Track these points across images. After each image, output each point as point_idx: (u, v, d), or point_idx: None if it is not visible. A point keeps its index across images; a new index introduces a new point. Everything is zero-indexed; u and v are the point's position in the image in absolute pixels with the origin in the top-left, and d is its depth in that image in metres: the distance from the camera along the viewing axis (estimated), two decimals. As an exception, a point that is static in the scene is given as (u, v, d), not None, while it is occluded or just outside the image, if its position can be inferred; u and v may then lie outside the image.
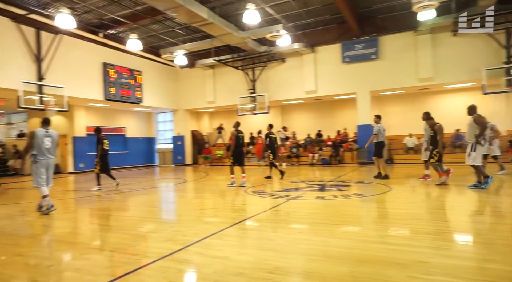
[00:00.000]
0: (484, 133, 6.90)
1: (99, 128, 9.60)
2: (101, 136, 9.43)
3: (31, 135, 6.20)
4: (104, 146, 9.43)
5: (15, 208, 6.86)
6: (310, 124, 19.04)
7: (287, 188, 8.39)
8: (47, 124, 6.41)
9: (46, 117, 6.55)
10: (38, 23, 12.51)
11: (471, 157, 6.89)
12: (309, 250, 3.49)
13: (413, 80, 14.64)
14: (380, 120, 9.48)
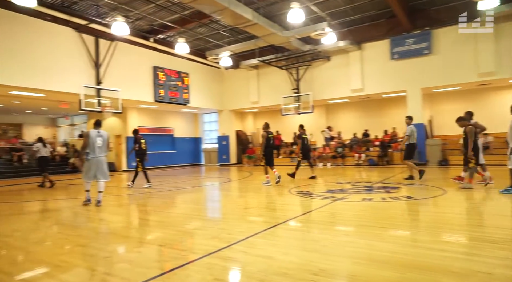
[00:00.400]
0: None
1: (137, 129, 10.23)
2: (138, 137, 9.93)
3: (86, 135, 6.95)
4: (142, 146, 9.88)
5: (75, 203, 7.46)
6: (356, 124, 18.45)
7: (332, 189, 8.21)
8: (99, 126, 7.13)
9: (98, 119, 7.30)
10: (97, 32, 13.50)
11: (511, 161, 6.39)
12: (355, 253, 3.38)
13: (471, 75, 13.55)
14: (411, 121, 9.33)
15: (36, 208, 7.28)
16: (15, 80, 11.07)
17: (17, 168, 16.23)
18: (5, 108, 17.91)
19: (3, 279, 3.04)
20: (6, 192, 10.07)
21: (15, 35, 11.09)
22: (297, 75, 17.76)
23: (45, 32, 11.95)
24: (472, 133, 7.25)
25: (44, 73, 11.78)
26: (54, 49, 12.14)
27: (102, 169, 6.90)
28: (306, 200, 6.95)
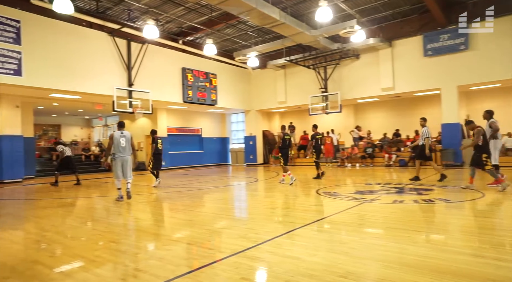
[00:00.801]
0: None
1: (154, 130, 10.61)
2: (156, 137, 10.29)
3: (110, 136, 7.43)
4: (158, 146, 10.23)
5: (108, 200, 7.76)
6: (387, 123, 17.92)
7: (361, 190, 8.02)
8: (122, 127, 7.61)
9: (121, 121, 7.80)
10: (129, 35, 14.00)
11: None
12: (385, 257, 3.28)
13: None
14: (426, 123, 9.41)
15: (72, 205, 7.64)
16: (55, 83, 11.69)
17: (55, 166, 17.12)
18: (46, 110, 18.97)
19: (43, 271, 3.21)
20: (46, 189, 10.65)
21: (55, 41, 11.71)
22: (325, 74, 17.52)
23: (82, 37, 12.54)
24: (480, 135, 7.33)
25: (81, 76, 12.36)
26: (89, 53, 12.71)
27: (127, 168, 7.40)
28: (333, 201, 6.84)
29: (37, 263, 3.45)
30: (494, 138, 7.61)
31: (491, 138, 7.59)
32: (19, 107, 13.32)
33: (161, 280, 2.86)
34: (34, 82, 11.21)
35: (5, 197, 9.28)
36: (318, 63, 17.23)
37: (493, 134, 7.57)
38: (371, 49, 15.88)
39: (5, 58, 10.51)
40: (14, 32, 10.76)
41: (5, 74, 10.52)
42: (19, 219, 6.09)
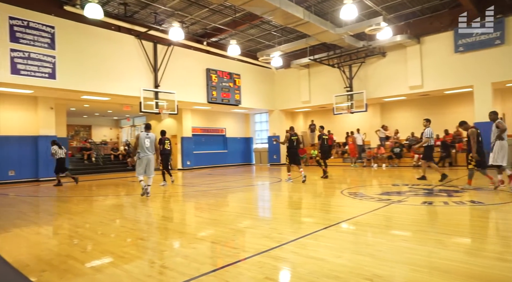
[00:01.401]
0: None
1: (163, 131, 11.07)
2: (163, 138, 10.79)
3: (136, 137, 8.04)
4: (165, 146, 10.69)
5: (135, 198, 7.99)
6: (414, 122, 17.34)
7: (387, 191, 7.82)
8: (148, 129, 8.22)
9: (148, 123, 8.40)
10: (155, 38, 14.35)
11: None
12: (413, 260, 3.18)
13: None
14: (429, 124, 9.57)
15: (102, 202, 7.93)
16: (86, 85, 12.18)
17: (86, 165, 17.85)
18: (77, 111, 19.81)
19: (76, 265, 3.36)
20: (78, 187, 11.11)
21: (85, 45, 12.20)
22: (350, 73, 17.21)
23: (111, 41, 12.99)
24: (475, 135, 7.48)
25: (109, 78, 12.81)
26: (118, 56, 13.14)
27: (150, 166, 7.96)
28: (359, 202, 6.70)
29: (70, 257, 3.60)
30: (500, 139, 7.36)
31: (497, 138, 7.36)
32: (53, 108, 13.97)
33: (186, 277, 2.91)
34: (67, 84, 11.73)
35: (41, 194, 9.77)
36: (343, 61, 16.95)
37: (500, 135, 7.33)
38: (398, 46, 15.44)
39: (40, 63, 11.07)
40: (49, 37, 11.32)
41: (40, 77, 11.08)
42: (54, 216, 6.39)
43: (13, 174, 12.87)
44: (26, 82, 10.86)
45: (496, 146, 7.37)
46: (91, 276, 3.09)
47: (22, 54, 10.73)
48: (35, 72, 10.97)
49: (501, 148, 7.37)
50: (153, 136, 8.08)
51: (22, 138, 13.15)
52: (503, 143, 7.40)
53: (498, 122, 7.47)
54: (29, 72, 10.86)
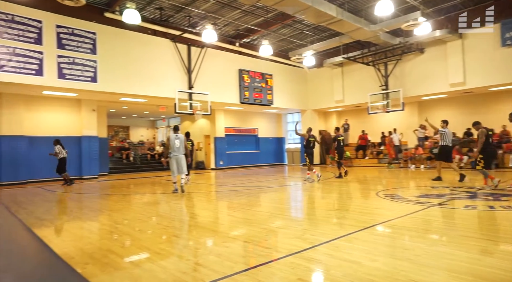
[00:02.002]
0: None
1: (188, 132, 11.24)
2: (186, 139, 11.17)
3: (168, 138, 8.76)
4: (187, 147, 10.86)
5: (170, 197, 8.23)
6: (456, 122, 16.42)
7: (426, 194, 7.49)
8: (177, 130, 8.89)
9: (176, 125, 9.11)
10: (189, 40, 14.72)
11: None
12: (454, 266, 3.01)
13: None
14: (446, 125, 9.97)
15: (139, 200, 8.25)
16: (125, 88, 12.75)
17: (125, 164, 18.66)
18: (116, 112, 20.78)
19: (116, 259, 3.52)
20: (117, 186, 11.64)
21: (124, 49, 12.77)
22: (385, 71, 16.66)
23: (147, 45, 13.49)
24: (483, 135, 7.60)
25: (146, 81, 13.31)
26: (154, 59, 13.62)
27: (181, 165, 8.63)
28: (395, 204, 6.47)
29: (111, 252, 3.79)
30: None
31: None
32: (95, 110, 14.74)
33: (220, 275, 2.96)
34: (107, 87, 12.34)
35: (84, 191, 10.34)
36: (378, 59, 16.43)
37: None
38: (438, 42, 14.72)
39: (83, 67, 11.73)
40: (91, 43, 11.97)
41: (83, 81, 11.75)
42: (96, 212, 6.74)
43: (59, 172, 13.73)
44: (71, 85, 11.55)
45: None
46: (130, 271, 3.22)
47: (67, 60, 11.43)
48: (78, 76, 11.64)
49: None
50: (182, 137, 8.79)
51: (67, 138, 13.98)
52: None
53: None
54: (74, 76, 11.54)
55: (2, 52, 10.21)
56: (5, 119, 12.26)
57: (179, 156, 8.62)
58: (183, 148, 8.69)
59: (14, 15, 10.50)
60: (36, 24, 10.89)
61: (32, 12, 10.87)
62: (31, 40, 10.77)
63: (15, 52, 10.42)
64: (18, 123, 12.58)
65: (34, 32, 10.85)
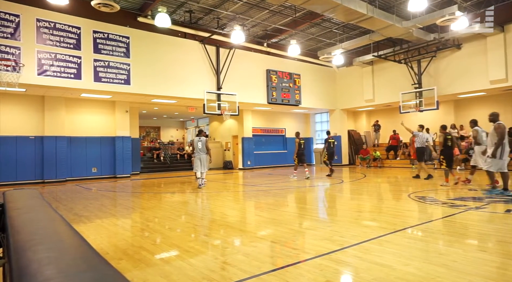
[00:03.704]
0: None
1: (200, 129, 11.96)
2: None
3: (192, 141, 10.50)
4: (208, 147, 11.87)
5: (199, 196, 8.38)
6: (497, 121, 15.54)
7: (462, 197, 7.14)
8: (200, 134, 10.43)
9: (200, 129, 10.63)
10: (218, 42, 14.94)
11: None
12: (495, 274, 2.85)
13: None
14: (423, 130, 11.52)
15: (170, 199, 8.47)
16: (156, 89, 13.14)
17: (155, 164, 19.22)
18: (148, 113, 21.45)
19: (147, 256, 3.64)
20: (149, 184, 12.02)
21: (155, 52, 13.17)
22: (418, 69, 16.05)
23: (177, 47, 13.83)
24: (442, 139, 8.64)
25: (176, 82, 13.65)
26: (184, 61, 13.94)
27: (204, 163, 10.13)
28: (429, 207, 6.21)
29: (143, 249, 3.92)
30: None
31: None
32: (128, 111, 15.30)
33: (247, 275, 2.98)
34: (140, 89, 12.78)
35: (118, 189, 10.77)
36: (411, 56, 15.87)
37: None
38: (476, 37, 13.99)
39: (117, 70, 12.22)
40: (124, 47, 12.45)
41: (117, 83, 12.24)
42: (128, 209, 7.00)
43: (95, 171, 14.39)
44: (106, 88, 12.07)
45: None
46: (161, 267, 3.32)
47: (103, 63, 11.95)
48: (113, 79, 12.15)
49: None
50: (204, 139, 10.25)
51: (102, 139, 14.63)
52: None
53: (498, 124, 7.14)
54: (108, 79, 12.05)
55: (45, 57, 10.86)
56: (48, 120, 13.02)
57: (201, 155, 10.12)
58: (205, 148, 10.17)
59: (56, 22, 11.13)
60: (75, 30, 11.48)
61: (72, 19, 11.47)
62: (70, 45, 11.37)
63: (56, 58, 11.04)
64: (60, 124, 13.31)
65: (73, 38, 11.44)
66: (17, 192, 2.13)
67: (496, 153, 7.02)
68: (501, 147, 7.00)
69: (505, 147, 7.06)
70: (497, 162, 7.08)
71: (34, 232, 1.08)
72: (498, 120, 7.30)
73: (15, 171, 12.34)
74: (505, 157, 7.13)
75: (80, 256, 0.83)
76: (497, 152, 7.00)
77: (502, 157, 7.05)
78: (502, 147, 7.02)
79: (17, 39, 10.43)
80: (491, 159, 7.10)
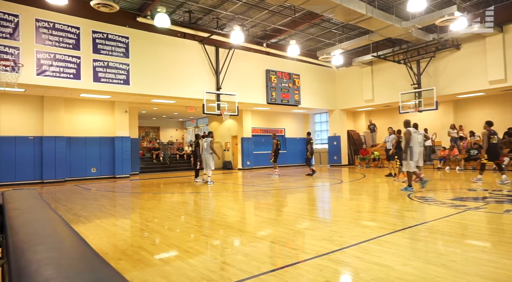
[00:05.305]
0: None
1: (197, 134, 12.63)
2: (196, 141, 12.33)
3: (195, 143, 10.83)
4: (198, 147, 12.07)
5: (199, 196, 8.38)
6: (496, 121, 15.48)
7: (462, 197, 7.15)
8: (208, 135, 11.07)
9: (210, 131, 10.99)
10: (217, 42, 14.94)
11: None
12: (495, 274, 2.85)
13: None
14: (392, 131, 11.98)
15: (169, 199, 8.47)
16: (155, 90, 13.14)
17: (155, 164, 19.21)
18: (147, 114, 21.44)
19: (147, 256, 3.63)
20: (148, 185, 12.01)
21: (155, 52, 13.17)
22: (418, 69, 16.08)
23: (177, 47, 13.83)
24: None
25: (176, 82, 13.65)
26: (183, 61, 13.94)
27: (206, 163, 10.89)
28: (429, 207, 6.22)
29: (142, 249, 3.91)
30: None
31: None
32: (127, 112, 15.29)
33: (247, 275, 2.98)
34: (139, 89, 12.77)
35: (118, 190, 10.76)
36: (410, 57, 15.89)
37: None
38: (475, 37, 14.01)
39: (117, 70, 12.22)
40: (124, 47, 12.45)
41: (117, 84, 12.24)
42: (128, 210, 6.99)
43: (95, 171, 14.37)
44: (105, 88, 12.07)
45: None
46: (160, 267, 3.31)
47: (102, 64, 11.95)
48: (112, 79, 12.14)
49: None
50: (208, 140, 10.98)
51: (101, 139, 14.61)
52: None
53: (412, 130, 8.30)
54: (108, 80, 12.05)
55: (44, 57, 10.85)
56: (47, 120, 13.00)
57: (205, 155, 11.03)
58: (209, 148, 10.91)
59: (55, 22, 11.13)
60: (74, 30, 11.48)
61: (71, 19, 11.47)
62: (69, 45, 11.36)
63: (55, 58, 11.04)
64: (59, 124, 13.29)
65: (72, 38, 11.44)
66: (16, 193, 2.12)
67: (406, 156, 8.17)
68: (409, 150, 8.10)
69: (413, 150, 8.12)
70: (408, 163, 8.16)
71: (33, 232, 1.08)
72: (409, 127, 8.38)
73: (14, 171, 12.32)
74: (415, 158, 8.18)
75: (79, 256, 0.83)
76: (407, 155, 8.13)
77: (412, 158, 8.13)
78: (410, 150, 8.10)
79: (16, 39, 10.43)
80: (404, 161, 8.27)
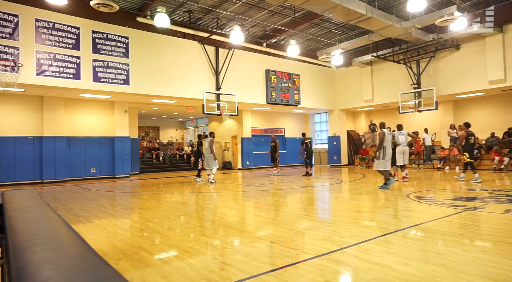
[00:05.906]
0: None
1: (200, 134, 12.70)
2: (198, 141, 12.57)
3: (198, 143, 11.12)
4: (199, 147, 12.23)
5: (199, 196, 8.38)
6: (496, 121, 15.60)
7: (462, 197, 7.15)
8: (210, 135, 11.39)
9: (211, 132, 11.23)
10: (217, 42, 14.94)
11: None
12: (495, 274, 2.85)
13: None
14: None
15: (169, 199, 8.47)
16: (155, 90, 13.14)
17: (155, 164, 19.20)
18: (147, 114, 21.43)
19: (146, 256, 3.63)
20: (148, 185, 12.00)
21: (155, 52, 13.17)
22: (417, 69, 16.08)
23: (176, 47, 13.83)
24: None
25: (175, 82, 13.65)
26: (183, 61, 13.94)
27: (206, 162, 11.51)
28: (428, 207, 6.22)
29: (142, 249, 3.91)
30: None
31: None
32: (127, 112, 15.29)
33: (246, 275, 2.98)
34: (139, 89, 12.77)
35: (117, 190, 10.76)
36: (410, 57, 15.90)
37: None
38: (475, 37, 14.02)
39: (117, 70, 12.22)
40: (123, 47, 12.45)
41: (117, 84, 12.23)
42: (128, 210, 6.99)
43: (94, 172, 14.37)
44: (105, 88, 12.06)
45: None
46: (160, 267, 3.31)
47: (102, 64, 11.95)
48: (112, 79, 12.14)
49: None
50: (208, 140, 11.36)
51: (101, 139, 14.61)
52: None
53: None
54: (108, 79, 12.05)
55: (44, 57, 10.84)
56: (47, 120, 12.99)
57: (207, 154, 11.52)
58: (209, 149, 11.39)
59: (55, 22, 11.12)
60: (74, 30, 11.48)
61: (71, 19, 11.46)
62: (69, 45, 11.36)
63: (55, 58, 11.03)
64: (59, 124, 13.29)
65: (72, 38, 11.44)
66: (16, 193, 2.12)
67: (379, 155, 8.45)
68: (382, 149, 8.42)
69: (386, 150, 8.46)
70: (380, 162, 8.47)
71: (33, 232, 1.08)
72: (384, 128, 8.77)
73: (13, 171, 12.32)
74: (387, 158, 8.51)
75: (79, 256, 0.83)
76: (380, 154, 8.43)
77: (384, 158, 8.45)
78: (383, 150, 8.42)
79: (15, 39, 10.42)
80: (377, 160, 8.52)
